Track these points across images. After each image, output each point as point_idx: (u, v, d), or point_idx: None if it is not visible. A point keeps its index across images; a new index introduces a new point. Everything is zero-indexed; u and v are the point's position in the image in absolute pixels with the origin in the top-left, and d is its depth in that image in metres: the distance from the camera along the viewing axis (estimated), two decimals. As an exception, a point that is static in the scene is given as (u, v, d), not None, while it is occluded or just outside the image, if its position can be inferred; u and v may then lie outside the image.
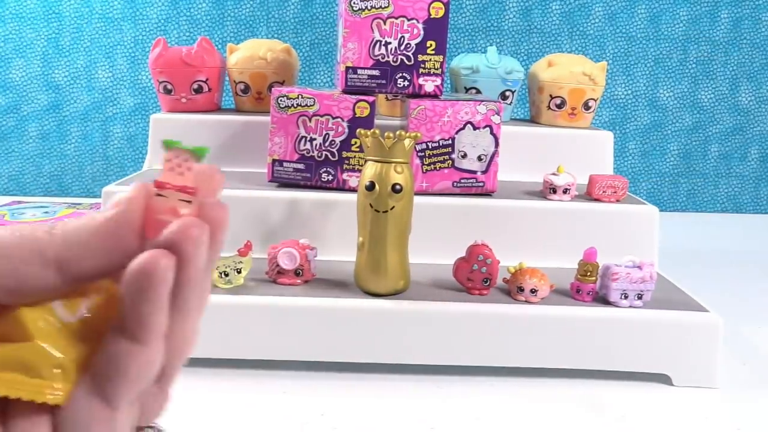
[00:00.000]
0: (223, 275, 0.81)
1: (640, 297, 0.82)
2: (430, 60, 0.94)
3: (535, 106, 1.19)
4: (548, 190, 0.99)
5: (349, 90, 0.95)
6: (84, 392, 0.21)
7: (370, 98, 0.94)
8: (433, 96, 0.96)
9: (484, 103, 0.95)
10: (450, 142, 0.95)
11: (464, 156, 0.96)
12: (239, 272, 0.82)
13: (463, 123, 0.95)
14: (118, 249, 0.22)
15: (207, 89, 1.14)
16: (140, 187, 0.23)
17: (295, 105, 0.94)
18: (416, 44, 0.93)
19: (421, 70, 0.94)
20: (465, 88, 1.14)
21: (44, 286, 0.21)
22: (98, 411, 0.21)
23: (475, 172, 0.97)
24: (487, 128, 0.96)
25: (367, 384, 0.80)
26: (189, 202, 0.22)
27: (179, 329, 0.23)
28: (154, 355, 0.22)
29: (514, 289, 0.83)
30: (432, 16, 0.92)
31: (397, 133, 0.77)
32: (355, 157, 0.95)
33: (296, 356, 0.81)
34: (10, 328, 0.21)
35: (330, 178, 0.96)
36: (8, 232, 0.21)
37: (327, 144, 0.95)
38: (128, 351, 0.21)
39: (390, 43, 0.93)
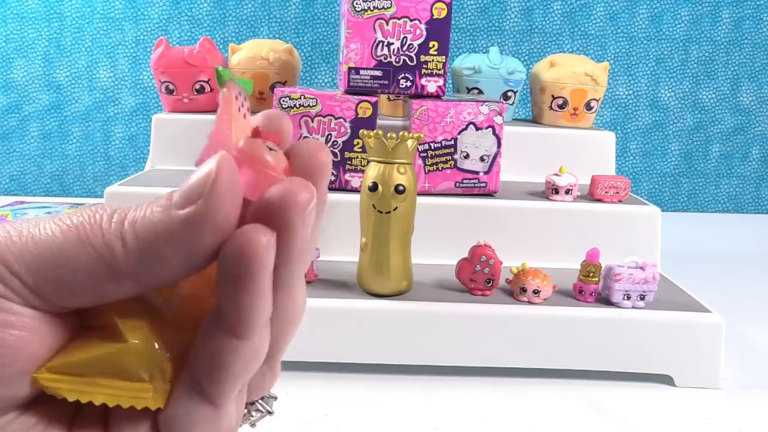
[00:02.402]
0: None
1: (642, 298, 0.82)
2: (433, 60, 0.94)
3: (537, 106, 1.19)
4: (551, 191, 0.99)
5: (351, 90, 0.95)
6: (184, 391, 0.19)
7: (373, 99, 0.94)
8: (436, 96, 0.96)
9: (486, 103, 0.95)
10: (452, 142, 0.95)
11: (466, 156, 0.96)
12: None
13: (466, 123, 0.95)
14: (199, 255, 0.18)
15: (209, 89, 1.14)
16: (224, 163, 0.17)
17: (298, 105, 0.94)
18: (419, 45, 0.93)
19: (423, 71, 0.94)
20: (467, 88, 1.14)
21: (122, 296, 0.18)
22: (201, 411, 0.19)
23: (477, 172, 0.97)
24: (490, 129, 0.96)
25: (370, 384, 0.80)
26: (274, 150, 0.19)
27: (285, 306, 0.20)
28: (258, 348, 0.18)
29: (516, 290, 0.83)
30: (434, 17, 0.92)
31: (401, 133, 0.77)
32: (357, 157, 0.95)
33: (299, 357, 0.81)
34: (102, 325, 0.19)
35: (332, 178, 0.96)
36: (73, 234, 0.18)
37: (329, 145, 0.95)
38: (228, 348, 0.18)
39: (392, 43, 0.93)
